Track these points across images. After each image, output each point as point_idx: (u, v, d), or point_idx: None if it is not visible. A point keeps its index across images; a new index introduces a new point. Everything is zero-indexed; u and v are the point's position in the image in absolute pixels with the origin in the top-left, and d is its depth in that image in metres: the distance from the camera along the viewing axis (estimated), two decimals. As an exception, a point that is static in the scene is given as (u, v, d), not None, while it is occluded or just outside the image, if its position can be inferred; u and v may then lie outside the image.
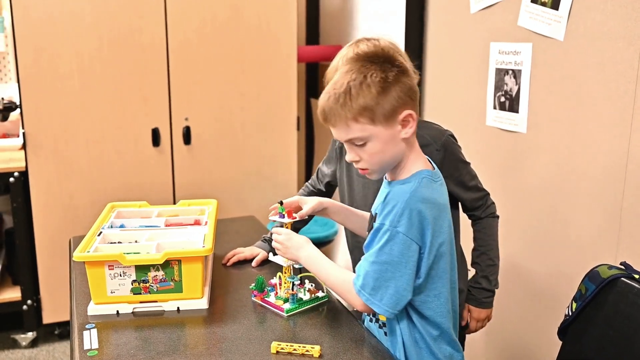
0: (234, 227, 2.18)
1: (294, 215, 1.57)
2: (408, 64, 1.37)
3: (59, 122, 2.77)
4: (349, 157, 1.34)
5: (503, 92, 2.22)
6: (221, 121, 3.02)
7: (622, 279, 1.52)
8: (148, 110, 2.89)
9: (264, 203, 3.15)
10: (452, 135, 1.71)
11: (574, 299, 1.64)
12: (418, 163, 1.36)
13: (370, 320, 1.50)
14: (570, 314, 1.63)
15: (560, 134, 2.01)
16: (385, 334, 1.43)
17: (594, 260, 1.84)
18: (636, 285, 1.48)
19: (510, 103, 2.19)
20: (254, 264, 1.87)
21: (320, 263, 1.43)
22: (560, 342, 1.67)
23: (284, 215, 1.57)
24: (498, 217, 1.80)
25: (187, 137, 2.96)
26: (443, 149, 1.65)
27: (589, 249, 1.95)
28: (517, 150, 2.20)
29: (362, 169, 1.35)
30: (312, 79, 3.78)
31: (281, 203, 1.59)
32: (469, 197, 1.74)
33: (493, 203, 1.79)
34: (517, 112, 2.17)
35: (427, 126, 1.69)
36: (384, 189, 1.40)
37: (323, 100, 1.31)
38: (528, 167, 2.16)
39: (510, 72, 2.18)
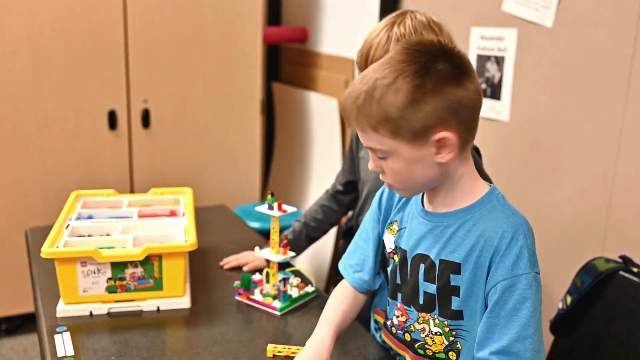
0: (205, 216, 2.05)
1: (284, 208, 1.47)
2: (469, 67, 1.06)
3: (7, 103, 2.55)
4: (370, 165, 1.10)
5: (485, 79, 2.16)
6: (182, 104, 2.86)
7: (621, 272, 1.49)
8: (104, 91, 2.70)
9: (227, 190, 3.02)
10: (476, 148, 1.58)
11: (569, 292, 1.61)
12: (478, 182, 1.13)
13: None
14: (564, 307, 1.60)
15: (546, 123, 1.97)
16: None
17: (583, 252, 1.81)
18: (636, 279, 1.46)
19: (492, 90, 2.14)
20: (246, 268, 1.67)
21: None
22: (552, 337, 1.63)
23: (273, 206, 1.47)
24: None
25: (145, 120, 2.79)
26: None
27: (575, 241, 1.92)
28: (498, 138, 2.15)
29: (388, 184, 1.13)
30: (273, 61, 3.64)
31: (272, 194, 1.48)
32: None
33: None
34: (499, 99, 2.11)
35: None
36: (429, 225, 1.14)
37: (344, 96, 1.06)
38: (510, 156, 2.12)
39: (492, 58, 2.12)
